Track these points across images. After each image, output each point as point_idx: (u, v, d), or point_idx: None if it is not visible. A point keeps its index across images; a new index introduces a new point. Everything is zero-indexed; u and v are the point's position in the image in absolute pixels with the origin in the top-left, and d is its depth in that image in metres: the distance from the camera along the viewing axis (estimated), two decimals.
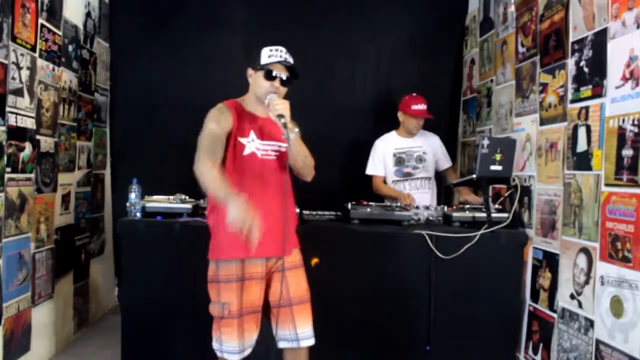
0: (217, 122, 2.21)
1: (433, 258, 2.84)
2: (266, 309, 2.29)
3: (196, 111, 3.96)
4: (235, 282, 2.18)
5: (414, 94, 3.48)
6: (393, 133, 3.56)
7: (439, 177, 3.63)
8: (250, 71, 2.28)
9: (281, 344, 2.28)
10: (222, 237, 2.19)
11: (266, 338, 2.29)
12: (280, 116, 2.12)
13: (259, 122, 2.27)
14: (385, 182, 3.53)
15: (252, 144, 2.23)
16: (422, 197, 3.45)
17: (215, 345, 2.22)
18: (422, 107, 3.42)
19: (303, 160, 2.24)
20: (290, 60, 2.26)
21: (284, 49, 2.25)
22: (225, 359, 2.19)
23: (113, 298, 4.38)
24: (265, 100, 2.20)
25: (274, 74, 2.21)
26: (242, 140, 2.22)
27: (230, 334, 2.17)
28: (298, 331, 2.23)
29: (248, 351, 2.21)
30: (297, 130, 2.17)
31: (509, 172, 3.00)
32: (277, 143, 2.27)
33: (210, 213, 2.30)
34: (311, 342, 2.25)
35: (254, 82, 2.27)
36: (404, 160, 3.48)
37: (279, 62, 2.21)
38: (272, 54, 2.22)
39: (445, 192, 3.84)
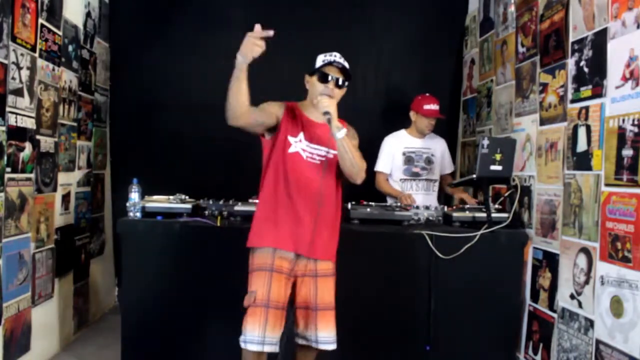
0: (270, 104, 2.31)
1: (433, 258, 2.84)
2: (290, 309, 2.33)
3: (196, 111, 4.02)
4: (265, 271, 2.23)
5: (427, 94, 3.48)
6: (403, 131, 3.56)
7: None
8: (307, 77, 2.36)
9: (300, 341, 2.35)
10: (260, 225, 2.30)
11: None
12: (326, 113, 2.18)
13: (313, 126, 2.33)
14: (388, 179, 3.53)
15: (298, 144, 2.29)
16: (427, 199, 3.45)
17: (240, 338, 2.20)
18: (434, 107, 3.42)
19: (350, 161, 2.25)
20: (343, 62, 2.31)
21: (337, 54, 2.33)
22: (247, 350, 2.18)
23: (113, 298, 4.38)
24: (315, 100, 2.26)
25: (329, 77, 2.28)
26: (290, 138, 2.29)
27: (253, 323, 2.18)
28: (319, 334, 2.28)
29: (268, 348, 2.18)
30: (344, 130, 2.21)
31: (509, 172, 3.00)
32: (326, 149, 2.32)
33: (258, 203, 2.37)
34: (331, 347, 2.30)
35: (311, 87, 2.34)
36: (414, 159, 3.48)
37: (330, 63, 2.28)
38: (326, 58, 2.31)
39: (445, 195, 3.84)
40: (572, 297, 2.55)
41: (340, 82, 2.31)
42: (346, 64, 2.32)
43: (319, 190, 2.27)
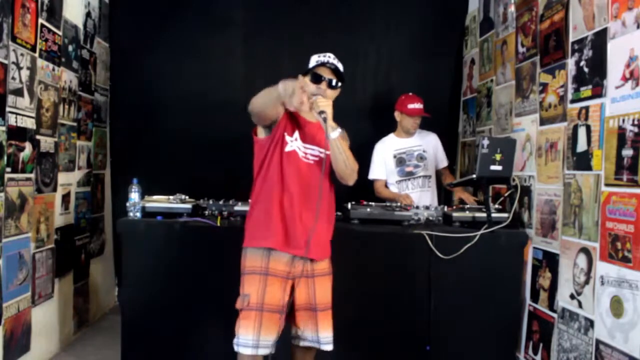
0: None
1: (433, 258, 2.84)
2: (288, 312, 2.31)
3: (196, 111, 4.02)
4: (259, 275, 2.21)
5: (410, 93, 3.49)
6: (391, 135, 3.57)
7: (437, 175, 3.64)
8: (300, 78, 2.27)
9: (300, 342, 2.34)
10: (255, 225, 2.28)
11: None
12: (322, 112, 2.16)
13: (306, 126, 2.32)
14: (386, 184, 3.53)
15: (294, 142, 2.29)
16: (424, 195, 3.46)
17: (234, 341, 2.21)
18: (418, 105, 3.42)
19: (344, 162, 2.25)
20: (337, 63, 2.31)
21: (331, 55, 2.33)
22: (240, 354, 2.19)
23: (113, 298, 4.38)
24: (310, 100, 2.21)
25: (322, 78, 2.28)
26: (287, 137, 2.29)
27: (246, 327, 2.18)
28: (320, 335, 2.29)
29: (262, 351, 2.19)
30: (339, 130, 2.21)
31: (509, 172, 3.00)
32: (319, 149, 2.31)
33: (252, 204, 2.35)
34: (330, 347, 2.31)
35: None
36: (405, 160, 3.49)
37: (323, 64, 2.28)
38: (319, 58, 2.31)
39: (445, 192, 3.84)
40: (572, 297, 2.55)
41: (333, 83, 2.31)
42: (340, 66, 2.32)
43: (316, 189, 2.25)
